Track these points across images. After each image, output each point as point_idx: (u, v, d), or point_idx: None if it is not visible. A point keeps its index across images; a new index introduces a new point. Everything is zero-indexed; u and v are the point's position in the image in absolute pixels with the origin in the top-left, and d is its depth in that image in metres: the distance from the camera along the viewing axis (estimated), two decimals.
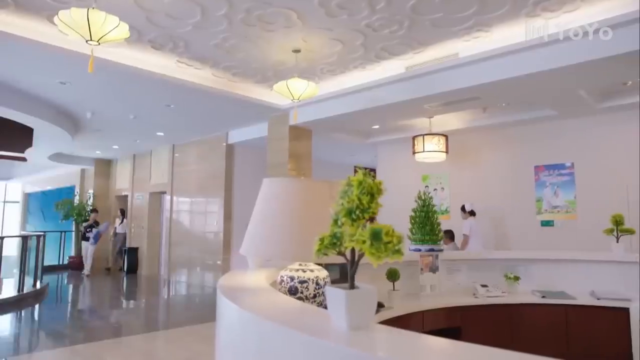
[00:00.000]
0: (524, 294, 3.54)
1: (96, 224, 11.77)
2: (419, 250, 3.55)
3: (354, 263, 0.98)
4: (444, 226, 8.55)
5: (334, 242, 0.96)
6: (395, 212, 9.30)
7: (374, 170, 13.94)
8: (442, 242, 3.53)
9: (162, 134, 9.68)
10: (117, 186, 13.25)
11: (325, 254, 1.00)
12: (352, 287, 0.97)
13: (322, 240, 0.97)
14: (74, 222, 13.23)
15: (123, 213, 12.43)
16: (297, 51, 5.50)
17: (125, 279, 10.99)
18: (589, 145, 6.76)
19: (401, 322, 2.71)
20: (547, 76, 5.08)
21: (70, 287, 10.52)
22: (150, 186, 11.70)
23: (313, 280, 1.68)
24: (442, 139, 7.34)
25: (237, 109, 7.65)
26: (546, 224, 7.10)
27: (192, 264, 10.11)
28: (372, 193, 0.93)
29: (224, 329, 1.49)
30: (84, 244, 11.74)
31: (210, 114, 8.13)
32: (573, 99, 5.99)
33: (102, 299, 8.85)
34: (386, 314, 2.77)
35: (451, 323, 3.12)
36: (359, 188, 0.93)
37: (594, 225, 6.64)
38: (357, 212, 0.92)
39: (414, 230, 3.65)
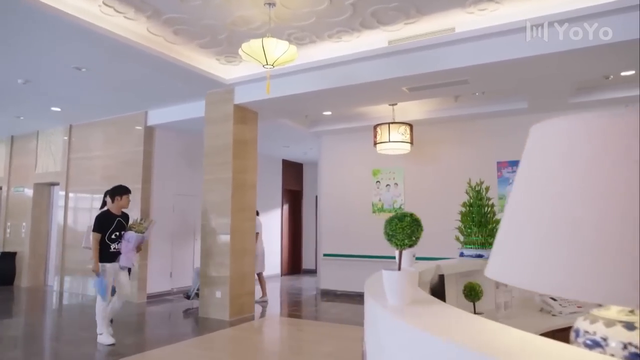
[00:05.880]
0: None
1: (124, 219, 5.21)
2: (481, 256, 2.72)
3: None
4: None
5: None
6: (342, 210, 8.58)
7: (300, 165, 13.05)
8: None
9: (58, 109, 7.67)
10: None
11: None
12: None
13: None
14: None
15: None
16: (271, 4, 4.36)
17: None
18: None
19: None
20: (544, 60, 4.63)
21: None
22: (36, 176, 9.41)
23: None
24: (408, 129, 6.69)
25: (168, 80, 6.18)
26: None
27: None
28: None
29: None
30: (106, 269, 4.94)
31: (132, 85, 6.51)
32: (557, 88, 5.70)
33: None
34: None
35: None
36: None
37: None
38: None
39: (468, 230, 2.82)
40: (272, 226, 11.34)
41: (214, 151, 6.52)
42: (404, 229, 1.16)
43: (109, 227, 5.02)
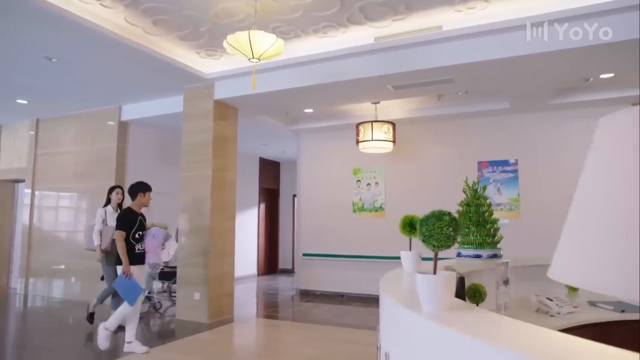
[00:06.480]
0: (591, 307, 2.89)
1: (144, 218, 4.79)
2: (479, 256, 2.66)
3: None
4: (379, 225, 7.95)
5: None
6: (322, 209, 8.45)
7: (277, 163, 12.87)
8: None
9: (25, 101, 7.26)
10: None
11: None
12: None
13: None
14: None
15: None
16: None
17: None
18: (534, 142, 6.68)
19: None
20: (532, 60, 4.64)
21: None
22: None
23: None
24: (391, 127, 6.64)
25: (144, 73, 5.93)
26: None
27: (63, 272, 7.84)
28: None
29: None
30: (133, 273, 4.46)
31: (106, 78, 6.22)
32: (538, 89, 5.75)
33: None
34: None
35: None
36: None
37: (538, 224, 6.61)
38: None
39: (466, 230, 2.75)
40: (248, 225, 11.14)
41: (193, 148, 6.30)
42: (443, 228, 1.06)
43: (133, 225, 4.59)
